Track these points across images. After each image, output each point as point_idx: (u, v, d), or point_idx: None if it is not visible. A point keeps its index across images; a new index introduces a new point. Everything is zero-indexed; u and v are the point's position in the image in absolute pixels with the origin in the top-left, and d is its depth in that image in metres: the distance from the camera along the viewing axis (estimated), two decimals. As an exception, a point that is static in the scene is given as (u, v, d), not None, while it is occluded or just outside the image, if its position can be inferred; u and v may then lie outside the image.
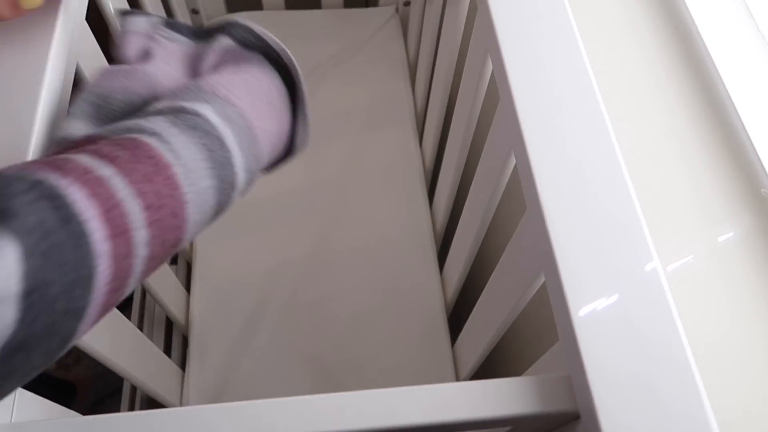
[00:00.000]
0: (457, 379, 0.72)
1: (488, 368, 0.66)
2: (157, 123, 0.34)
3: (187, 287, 0.80)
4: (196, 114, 0.35)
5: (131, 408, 0.75)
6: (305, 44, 1.03)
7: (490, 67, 0.50)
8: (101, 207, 0.28)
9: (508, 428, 0.39)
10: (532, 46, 0.43)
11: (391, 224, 0.85)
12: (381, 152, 0.92)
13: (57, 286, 0.27)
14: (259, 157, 0.39)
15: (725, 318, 0.40)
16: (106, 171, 0.29)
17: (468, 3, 0.60)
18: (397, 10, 1.09)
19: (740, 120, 0.46)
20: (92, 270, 0.28)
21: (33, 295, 0.26)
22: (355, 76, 1.01)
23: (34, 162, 0.30)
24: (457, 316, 0.80)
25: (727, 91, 0.46)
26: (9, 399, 0.35)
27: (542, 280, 0.40)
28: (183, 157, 0.33)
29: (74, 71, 0.46)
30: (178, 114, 0.35)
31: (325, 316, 0.78)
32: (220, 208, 0.36)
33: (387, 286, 0.80)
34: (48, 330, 0.26)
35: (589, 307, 0.33)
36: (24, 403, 0.36)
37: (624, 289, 0.33)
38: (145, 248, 0.30)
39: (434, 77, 0.80)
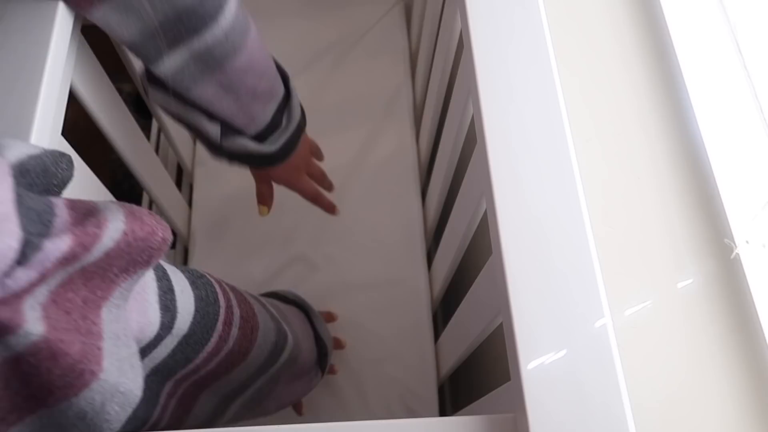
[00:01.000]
0: (438, 375, 0.77)
1: (467, 367, 0.71)
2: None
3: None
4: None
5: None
6: (307, 28, 1.04)
7: (471, 110, 0.53)
8: (225, 305, 0.46)
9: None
10: (510, 94, 0.45)
11: (383, 218, 0.89)
12: (377, 145, 0.95)
13: (195, 337, 0.41)
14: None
15: (675, 365, 0.43)
16: (230, 295, 0.48)
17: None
18: (401, -2, 1.09)
19: (711, 170, 0.48)
20: (210, 337, 0.43)
21: (187, 338, 0.40)
22: (356, 63, 1.02)
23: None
24: (447, 308, 0.85)
25: (703, 142, 0.49)
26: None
27: (501, 320, 0.43)
28: (260, 313, 0.53)
29: (68, 87, 0.49)
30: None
31: (311, 296, 0.83)
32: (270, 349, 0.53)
33: (376, 279, 0.84)
34: (176, 362, 0.41)
35: (537, 361, 0.36)
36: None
37: (572, 346, 0.37)
38: (233, 341, 0.46)
39: (432, 73, 0.82)
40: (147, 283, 0.36)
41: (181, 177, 0.96)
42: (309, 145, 0.73)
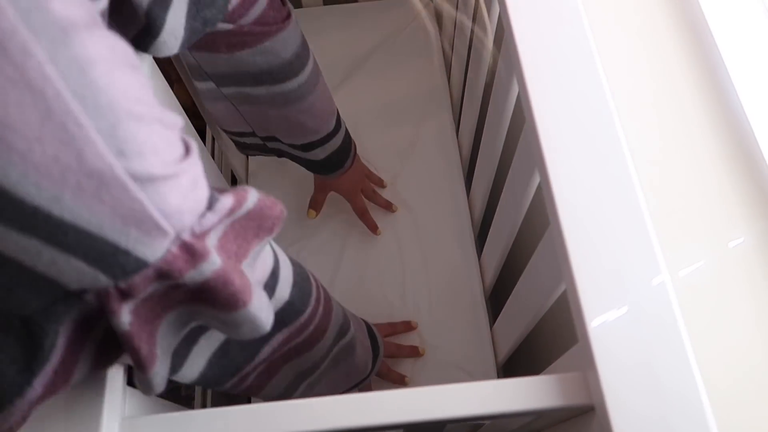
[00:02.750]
0: (496, 359, 0.78)
1: (524, 348, 0.72)
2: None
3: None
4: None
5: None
6: (344, 38, 1.08)
7: (516, 89, 0.55)
8: (315, 285, 0.53)
9: (533, 417, 0.45)
10: (553, 68, 0.47)
11: (431, 211, 0.91)
12: (420, 142, 0.97)
13: (294, 307, 0.48)
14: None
15: (733, 320, 0.44)
16: (315, 277, 0.55)
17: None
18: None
19: (753, 132, 0.49)
20: (305, 308, 0.50)
21: (288, 305, 0.47)
22: (393, 66, 1.05)
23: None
24: (497, 294, 0.86)
25: (741, 103, 0.50)
26: (119, 395, 0.43)
27: (563, 287, 0.45)
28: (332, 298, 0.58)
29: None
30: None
31: (370, 294, 0.86)
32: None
33: (428, 270, 0.86)
34: (276, 326, 0.47)
35: (601, 318, 0.38)
36: (133, 398, 0.44)
37: (633, 302, 0.39)
38: (318, 318, 0.52)
39: (470, 64, 0.84)
40: (267, 250, 0.43)
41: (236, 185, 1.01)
42: (364, 170, 0.89)
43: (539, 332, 0.65)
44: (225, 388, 0.48)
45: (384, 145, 0.97)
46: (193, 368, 0.43)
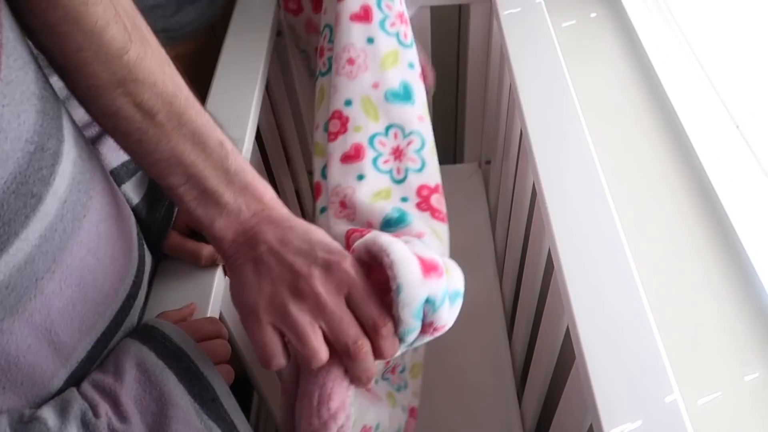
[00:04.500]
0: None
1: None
2: None
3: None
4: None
5: None
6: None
7: (548, 246, 0.64)
8: None
9: None
10: (578, 226, 0.56)
11: (476, 361, 0.96)
12: (467, 294, 1.05)
13: None
14: None
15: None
16: None
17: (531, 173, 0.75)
18: (479, 165, 1.26)
19: (760, 280, 0.56)
20: None
21: None
22: (444, 222, 1.17)
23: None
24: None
25: (749, 258, 0.57)
26: None
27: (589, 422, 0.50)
28: None
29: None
30: None
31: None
32: None
33: (469, 419, 0.90)
34: None
35: (617, 430, 0.43)
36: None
37: (647, 416, 0.44)
38: None
39: (511, 223, 0.94)
40: None
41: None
42: None
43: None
44: None
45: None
46: None
